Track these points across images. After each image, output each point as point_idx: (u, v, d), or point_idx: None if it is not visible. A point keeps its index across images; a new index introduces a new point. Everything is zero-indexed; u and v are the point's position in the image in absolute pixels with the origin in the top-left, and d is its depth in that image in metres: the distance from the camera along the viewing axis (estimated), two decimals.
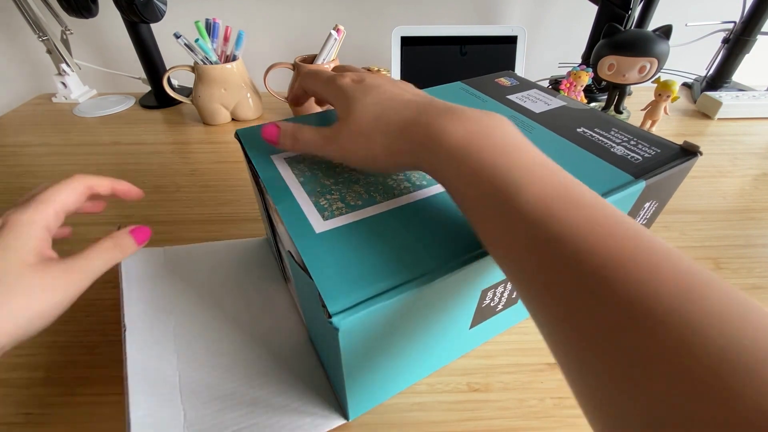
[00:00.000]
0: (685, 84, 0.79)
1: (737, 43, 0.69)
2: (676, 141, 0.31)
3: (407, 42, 0.63)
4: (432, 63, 0.65)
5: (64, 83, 0.72)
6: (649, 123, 0.57)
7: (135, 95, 0.76)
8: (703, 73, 0.76)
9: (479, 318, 0.27)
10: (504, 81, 0.42)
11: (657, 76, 0.55)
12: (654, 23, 0.64)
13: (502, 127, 0.20)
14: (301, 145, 0.26)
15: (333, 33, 0.59)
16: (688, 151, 0.30)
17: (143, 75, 0.72)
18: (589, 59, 0.61)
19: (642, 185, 0.27)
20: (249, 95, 0.65)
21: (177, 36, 0.58)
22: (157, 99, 0.73)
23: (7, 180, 0.52)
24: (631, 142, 0.31)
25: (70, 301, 0.24)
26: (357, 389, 0.25)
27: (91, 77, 0.80)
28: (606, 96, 0.63)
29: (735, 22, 0.68)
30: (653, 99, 0.55)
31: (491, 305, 0.27)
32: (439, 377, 0.30)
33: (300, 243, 0.22)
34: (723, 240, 0.42)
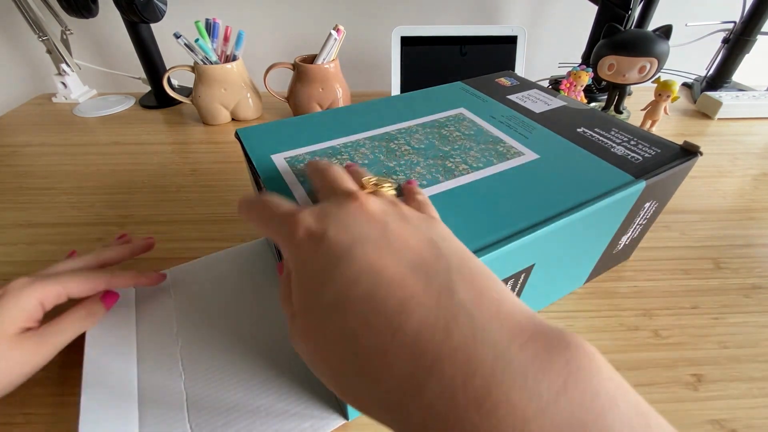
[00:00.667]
0: (685, 84, 0.79)
1: (737, 43, 0.69)
2: (676, 141, 0.31)
3: (407, 42, 0.63)
4: (432, 63, 0.65)
5: (64, 83, 0.72)
6: (649, 123, 0.57)
7: (135, 95, 0.76)
8: (703, 73, 0.76)
9: None
10: (504, 81, 0.42)
11: (657, 76, 0.55)
12: (654, 23, 0.64)
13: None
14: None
15: (333, 33, 0.59)
16: (688, 151, 0.30)
17: (143, 75, 0.72)
18: (589, 59, 0.61)
19: (642, 185, 0.27)
20: (249, 95, 0.65)
21: (177, 36, 0.58)
22: (157, 99, 0.73)
23: (7, 180, 0.52)
24: (632, 142, 0.31)
25: (35, 370, 0.25)
26: None
27: (91, 77, 0.80)
28: (606, 96, 0.63)
29: (735, 22, 0.68)
30: (653, 99, 0.55)
31: None
32: None
33: None
34: (723, 240, 0.42)
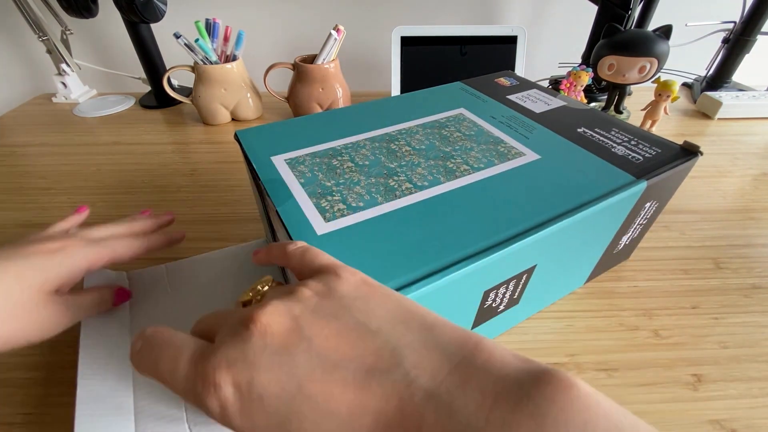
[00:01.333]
0: (685, 84, 0.79)
1: (737, 43, 0.69)
2: (676, 141, 0.31)
3: (407, 42, 0.63)
4: (432, 63, 0.65)
5: (64, 83, 0.72)
6: (649, 123, 0.57)
7: (135, 95, 0.76)
8: (703, 73, 0.76)
9: (481, 319, 0.27)
10: (504, 81, 0.42)
11: (657, 76, 0.55)
12: (654, 23, 0.64)
13: None
14: None
15: (333, 33, 0.59)
16: (688, 151, 0.30)
17: (143, 75, 0.72)
18: (589, 59, 0.61)
19: (643, 185, 0.27)
20: (249, 95, 0.65)
21: (177, 36, 0.58)
22: (157, 99, 0.73)
23: (7, 180, 0.52)
24: (632, 142, 0.31)
25: (47, 335, 0.26)
26: None
27: (91, 77, 0.79)
28: (606, 96, 0.63)
29: (735, 22, 0.68)
30: (653, 99, 0.55)
31: (493, 306, 0.27)
32: None
33: None
34: (723, 240, 0.42)
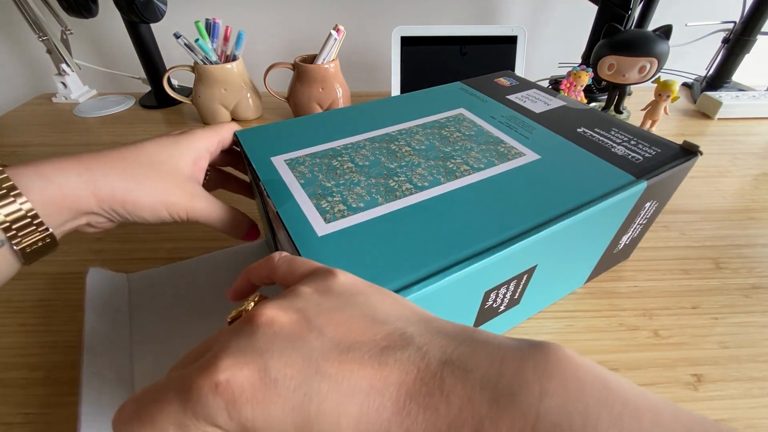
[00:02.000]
0: (685, 84, 0.79)
1: (737, 43, 0.69)
2: (676, 141, 0.31)
3: (407, 42, 0.63)
4: (432, 63, 0.65)
5: (64, 83, 0.72)
6: (649, 123, 0.57)
7: (135, 95, 0.76)
8: (703, 73, 0.76)
9: (482, 319, 0.27)
10: (503, 81, 0.42)
11: (657, 76, 0.55)
12: (654, 23, 0.64)
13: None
14: None
15: (333, 33, 0.59)
16: (688, 151, 0.30)
17: (143, 75, 0.72)
18: (589, 59, 0.61)
19: (643, 185, 0.27)
20: (249, 95, 0.65)
21: (177, 36, 0.58)
22: (157, 99, 0.73)
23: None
24: (632, 142, 0.31)
25: (186, 215, 0.26)
26: None
27: (91, 77, 0.79)
28: (606, 96, 0.63)
29: (735, 22, 0.68)
30: (653, 99, 0.55)
31: (494, 306, 0.27)
32: None
33: (302, 246, 0.22)
34: (723, 240, 0.42)
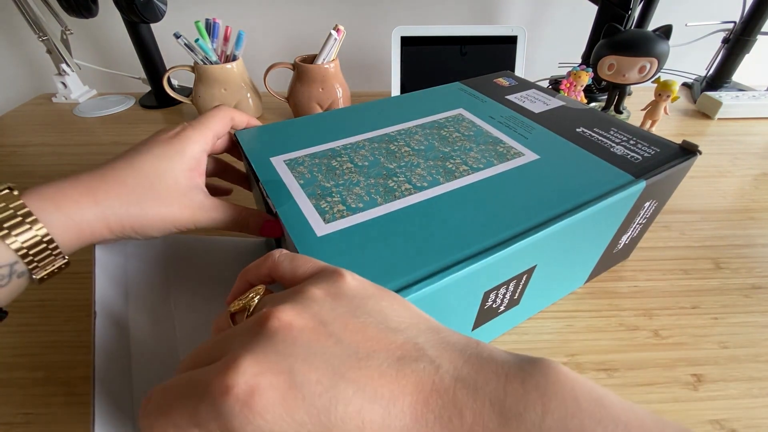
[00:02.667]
0: (685, 84, 0.79)
1: (737, 43, 0.69)
2: (676, 141, 0.31)
3: (407, 42, 0.63)
4: (432, 63, 0.65)
5: (64, 83, 0.72)
6: (649, 123, 0.57)
7: (135, 95, 0.76)
8: (703, 73, 0.76)
9: (481, 320, 0.27)
10: (503, 81, 0.42)
11: (657, 76, 0.55)
12: (654, 23, 0.64)
13: None
14: None
15: (333, 33, 0.59)
16: (687, 151, 0.30)
17: (143, 75, 0.72)
18: (589, 59, 0.61)
19: (642, 185, 0.27)
20: (249, 95, 0.65)
21: (177, 36, 0.58)
22: (157, 99, 0.73)
23: (7, 180, 0.52)
24: (631, 141, 0.31)
25: (193, 226, 0.25)
26: None
27: (91, 77, 0.79)
28: (606, 96, 0.63)
29: (735, 22, 0.68)
30: (653, 99, 0.55)
31: (493, 307, 0.27)
32: None
33: (301, 246, 0.22)
34: (723, 240, 0.42)
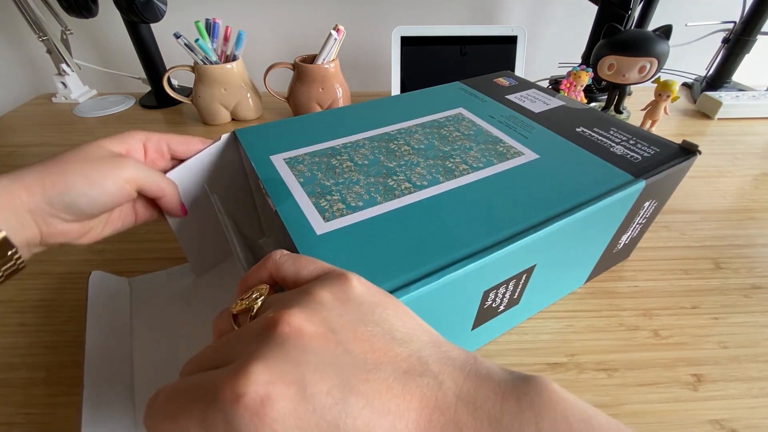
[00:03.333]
0: (685, 84, 0.79)
1: (737, 43, 0.69)
2: (676, 141, 0.31)
3: (407, 42, 0.63)
4: (432, 63, 0.65)
5: (64, 83, 0.72)
6: (649, 123, 0.57)
7: (135, 95, 0.76)
8: (703, 73, 0.76)
9: (481, 319, 0.27)
10: (503, 81, 0.42)
11: (657, 76, 0.55)
12: (654, 23, 0.64)
13: None
14: None
15: (333, 33, 0.59)
16: (687, 150, 0.30)
17: (143, 75, 0.72)
18: (589, 59, 0.61)
19: (642, 185, 0.27)
20: (249, 95, 0.65)
21: (177, 36, 0.58)
22: (157, 99, 0.73)
23: None
24: (630, 141, 0.31)
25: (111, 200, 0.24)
26: None
27: (91, 77, 0.79)
28: (606, 96, 0.63)
29: (735, 22, 0.68)
30: (653, 99, 0.55)
31: (493, 306, 0.27)
32: None
33: (301, 244, 0.22)
34: (723, 240, 0.42)
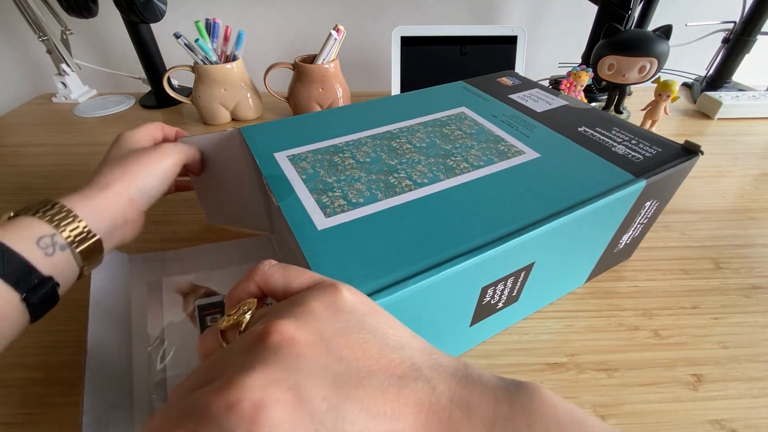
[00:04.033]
0: (685, 84, 0.79)
1: (737, 43, 0.69)
2: (676, 141, 0.31)
3: (407, 42, 0.63)
4: (432, 63, 0.65)
5: (64, 83, 0.72)
6: (649, 123, 0.57)
7: (135, 95, 0.76)
8: (703, 73, 0.77)
9: (479, 316, 0.27)
10: (506, 80, 0.42)
11: (657, 76, 0.55)
12: (654, 23, 0.64)
13: None
14: None
15: (333, 33, 0.59)
16: (689, 151, 0.30)
17: (143, 75, 0.72)
18: (589, 59, 0.61)
19: (642, 184, 0.27)
20: (249, 95, 0.65)
21: (177, 36, 0.58)
22: (157, 99, 0.73)
23: (7, 180, 0.52)
24: (632, 141, 0.31)
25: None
26: None
27: (91, 77, 0.79)
28: (606, 96, 0.63)
29: (735, 22, 0.68)
30: (653, 99, 0.55)
31: (491, 302, 0.27)
32: None
33: (302, 240, 0.22)
34: (723, 240, 0.42)
